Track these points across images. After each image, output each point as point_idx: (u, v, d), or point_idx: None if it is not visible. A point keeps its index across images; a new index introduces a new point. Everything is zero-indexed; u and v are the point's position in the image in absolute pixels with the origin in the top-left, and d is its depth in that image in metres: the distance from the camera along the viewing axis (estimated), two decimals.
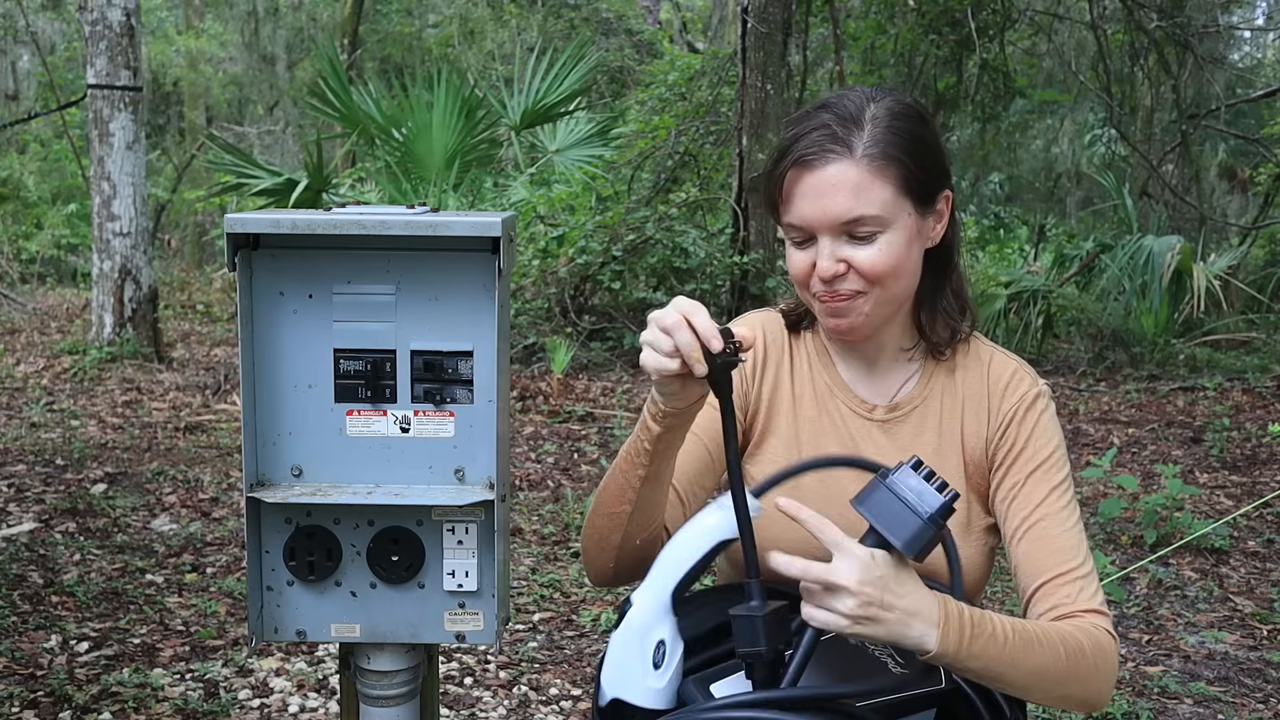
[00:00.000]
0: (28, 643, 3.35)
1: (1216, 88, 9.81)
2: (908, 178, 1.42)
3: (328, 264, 1.51)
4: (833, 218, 1.40)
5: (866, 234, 1.41)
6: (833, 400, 1.57)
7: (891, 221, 1.41)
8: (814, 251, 1.43)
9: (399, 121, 8.53)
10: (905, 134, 1.42)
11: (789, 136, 1.45)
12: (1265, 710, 3.18)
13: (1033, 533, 1.45)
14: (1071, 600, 1.40)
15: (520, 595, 3.87)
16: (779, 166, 1.44)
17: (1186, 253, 8.54)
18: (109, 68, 7.39)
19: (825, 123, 1.42)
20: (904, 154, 1.41)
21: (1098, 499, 4.98)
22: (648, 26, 15.71)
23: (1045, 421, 1.51)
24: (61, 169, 15.41)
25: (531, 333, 7.73)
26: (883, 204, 1.40)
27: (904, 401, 1.55)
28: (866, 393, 1.57)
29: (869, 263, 1.41)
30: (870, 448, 1.53)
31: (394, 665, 1.60)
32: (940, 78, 9.68)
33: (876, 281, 1.43)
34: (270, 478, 1.55)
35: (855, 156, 1.40)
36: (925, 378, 1.56)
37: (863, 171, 1.40)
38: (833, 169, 1.40)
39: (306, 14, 17.78)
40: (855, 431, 1.55)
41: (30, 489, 4.81)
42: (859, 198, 1.39)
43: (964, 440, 1.53)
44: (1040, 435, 1.50)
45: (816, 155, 1.40)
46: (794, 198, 1.42)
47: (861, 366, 1.57)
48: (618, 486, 1.44)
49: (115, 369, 7.20)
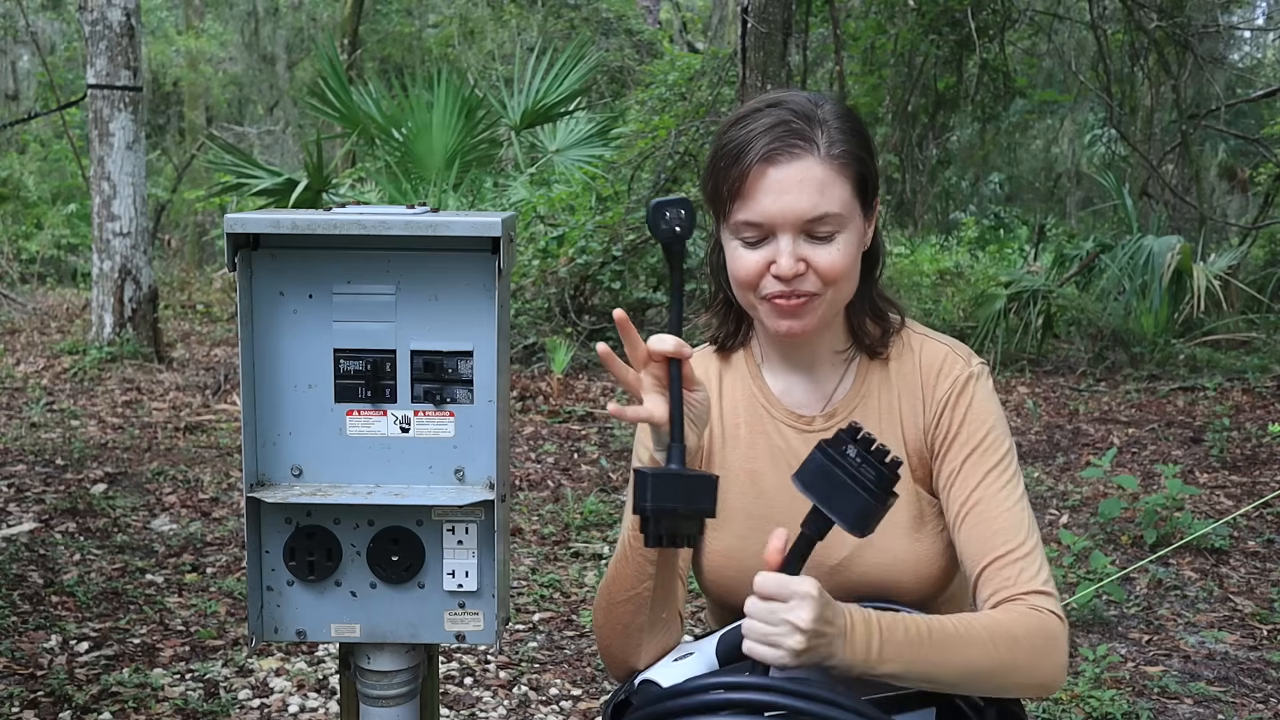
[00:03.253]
0: (28, 643, 3.35)
1: (1216, 88, 9.81)
2: (863, 179, 1.44)
3: (328, 264, 1.51)
4: (797, 215, 1.39)
5: (826, 233, 1.40)
6: (770, 421, 1.55)
7: (848, 221, 1.42)
8: (769, 251, 1.41)
9: (399, 121, 8.53)
10: (858, 135, 1.44)
11: (744, 133, 1.42)
12: (1265, 710, 3.18)
13: (971, 516, 1.43)
14: (1012, 582, 1.38)
15: (520, 595, 3.87)
16: (741, 163, 1.40)
17: (1186, 253, 8.53)
18: (109, 68, 7.39)
19: (784, 119, 1.41)
20: (861, 153, 1.43)
21: (1098, 499, 4.98)
22: (648, 26, 15.70)
23: (979, 403, 1.48)
24: (61, 169, 15.40)
25: (531, 333, 7.73)
26: (843, 203, 1.41)
27: (840, 405, 1.53)
28: (802, 403, 1.55)
29: (828, 263, 1.40)
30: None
31: (394, 665, 1.60)
32: (940, 78, 9.68)
33: (832, 283, 1.42)
34: (270, 478, 1.55)
35: (820, 154, 1.40)
36: (860, 378, 1.54)
37: (827, 170, 1.40)
38: (799, 165, 1.39)
39: (306, 14, 17.78)
40: (795, 446, 1.52)
41: (30, 489, 4.81)
42: (824, 195, 1.39)
43: (904, 433, 1.51)
44: (975, 417, 1.47)
45: (783, 151, 1.39)
46: (756, 193, 1.40)
47: (796, 376, 1.55)
48: (633, 567, 1.43)
49: (115, 369, 7.20)
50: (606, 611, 1.47)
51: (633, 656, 1.48)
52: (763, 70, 6.87)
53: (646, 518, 1.28)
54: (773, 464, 1.53)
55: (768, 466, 1.53)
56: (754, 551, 1.51)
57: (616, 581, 1.45)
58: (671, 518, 1.27)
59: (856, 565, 1.48)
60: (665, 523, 1.28)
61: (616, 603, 1.45)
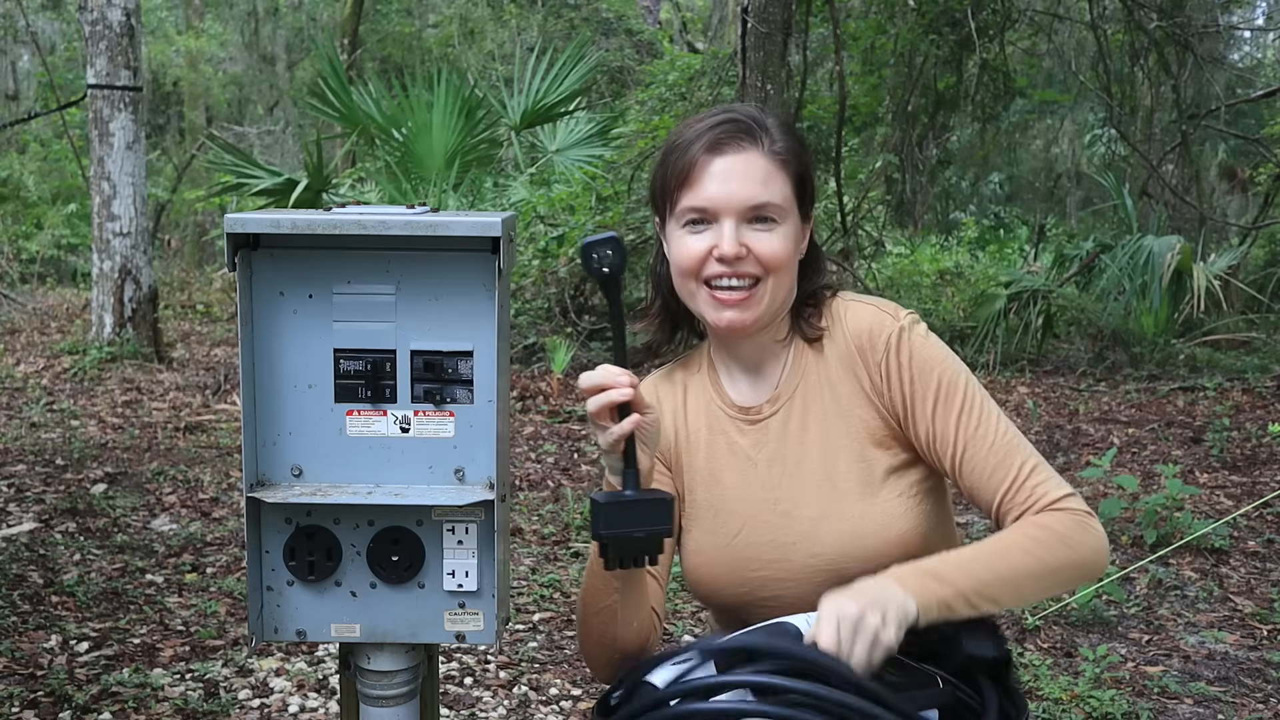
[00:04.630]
0: (28, 643, 3.35)
1: (1216, 88, 9.81)
2: (801, 182, 1.52)
3: (328, 264, 1.51)
4: (740, 200, 1.47)
5: (767, 222, 1.48)
6: (727, 419, 1.61)
7: (788, 215, 1.50)
8: (711, 236, 1.48)
9: (399, 121, 8.52)
10: (799, 144, 1.54)
11: (691, 132, 1.51)
12: (1265, 710, 3.18)
13: (965, 466, 1.48)
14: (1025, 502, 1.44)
15: (520, 595, 3.87)
16: (688, 154, 1.49)
17: (1186, 253, 8.54)
18: (109, 68, 7.39)
19: (731, 118, 1.51)
20: (800, 161, 1.52)
21: (1098, 499, 4.98)
22: (648, 26, 15.70)
23: (919, 352, 1.51)
24: (61, 169, 15.39)
25: (531, 333, 7.73)
26: (783, 197, 1.49)
27: (782, 389, 1.58)
28: (751, 397, 1.60)
29: (769, 249, 1.48)
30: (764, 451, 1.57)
31: (394, 665, 1.60)
32: (940, 78, 9.68)
33: (771, 270, 1.49)
34: (270, 478, 1.55)
35: (764, 150, 1.49)
36: (797, 359, 1.59)
37: (770, 164, 1.49)
38: (744, 156, 1.48)
39: (306, 14, 17.78)
40: (746, 444, 1.58)
41: (30, 489, 4.81)
42: (767, 185, 1.48)
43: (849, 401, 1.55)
44: (920, 369, 1.50)
45: (729, 141, 1.48)
46: (702, 179, 1.48)
47: (746, 374, 1.61)
48: (600, 581, 1.50)
49: (115, 369, 7.20)
50: (582, 623, 1.57)
51: (609, 660, 1.55)
52: (763, 70, 6.87)
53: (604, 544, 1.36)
54: (731, 461, 1.59)
55: (726, 464, 1.59)
56: (720, 545, 1.57)
57: (587, 596, 1.53)
58: (627, 542, 1.35)
59: (820, 538, 1.52)
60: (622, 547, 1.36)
61: (589, 615, 1.54)
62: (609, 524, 1.34)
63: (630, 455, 1.37)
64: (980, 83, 9.69)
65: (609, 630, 1.52)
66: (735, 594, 1.57)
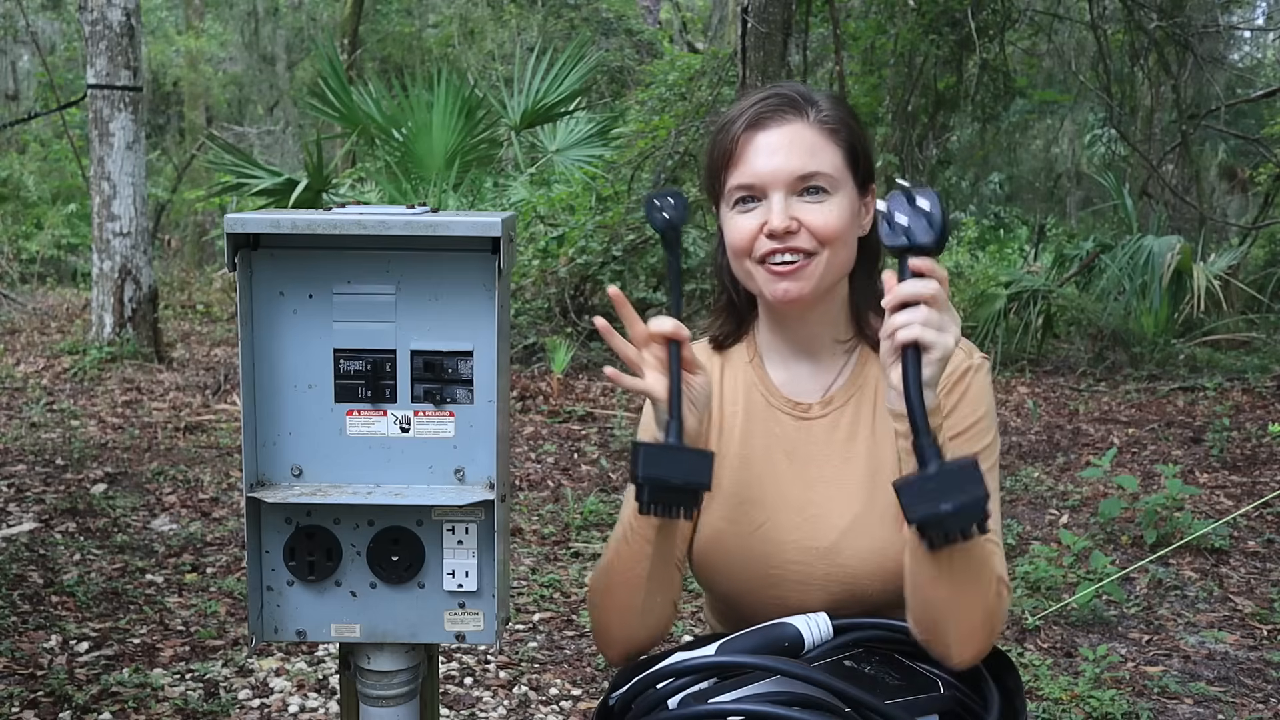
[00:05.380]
0: (28, 643, 3.35)
1: (1216, 88, 9.81)
2: (853, 150, 1.48)
3: (328, 264, 1.51)
4: (788, 172, 1.43)
5: (818, 193, 1.44)
6: (767, 409, 1.57)
7: (840, 185, 1.46)
8: (761, 213, 1.45)
9: (399, 121, 8.52)
10: (849, 114, 1.51)
11: (737, 109, 1.49)
12: (1265, 710, 3.18)
13: None
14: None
15: (520, 595, 3.87)
16: (731, 132, 1.47)
17: (1186, 253, 8.54)
18: (109, 68, 7.39)
19: (774, 92, 1.48)
20: (851, 128, 1.48)
21: (1098, 499, 4.98)
22: (648, 26, 15.71)
23: (974, 392, 1.51)
24: (61, 169, 15.40)
25: (531, 333, 7.73)
26: (834, 166, 1.46)
27: (838, 394, 1.56)
28: (801, 392, 1.57)
29: (821, 220, 1.44)
30: (804, 450, 1.55)
31: (394, 665, 1.60)
32: (940, 78, 9.68)
33: (826, 242, 1.45)
34: (270, 478, 1.55)
35: (810, 120, 1.46)
36: (860, 366, 1.57)
37: (816, 134, 1.46)
38: (789, 128, 1.45)
39: (306, 14, 17.77)
40: (790, 434, 1.55)
41: (30, 489, 4.81)
42: (814, 155, 1.44)
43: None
44: (967, 404, 1.50)
45: (772, 116, 1.46)
46: (747, 156, 1.45)
47: (798, 365, 1.58)
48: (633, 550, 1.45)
49: (115, 369, 7.20)
50: (604, 593, 1.51)
51: (624, 638, 1.51)
52: (763, 70, 6.87)
53: (640, 486, 1.30)
54: (765, 451, 1.56)
55: (760, 453, 1.56)
56: (738, 533, 1.54)
57: (615, 563, 1.48)
58: (665, 488, 1.30)
59: (845, 550, 1.50)
60: (658, 492, 1.30)
61: (614, 585, 1.48)
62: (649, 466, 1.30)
63: (676, 405, 1.33)
64: (980, 83, 9.70)
65: (632, 601, 1.47)
66: (744, 585, 1.55)
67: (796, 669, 1.26)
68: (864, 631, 1.44)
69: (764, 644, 1.37)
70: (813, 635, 1.39)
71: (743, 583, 1.55)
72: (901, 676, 1.35)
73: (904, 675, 1.35)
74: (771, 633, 1.39)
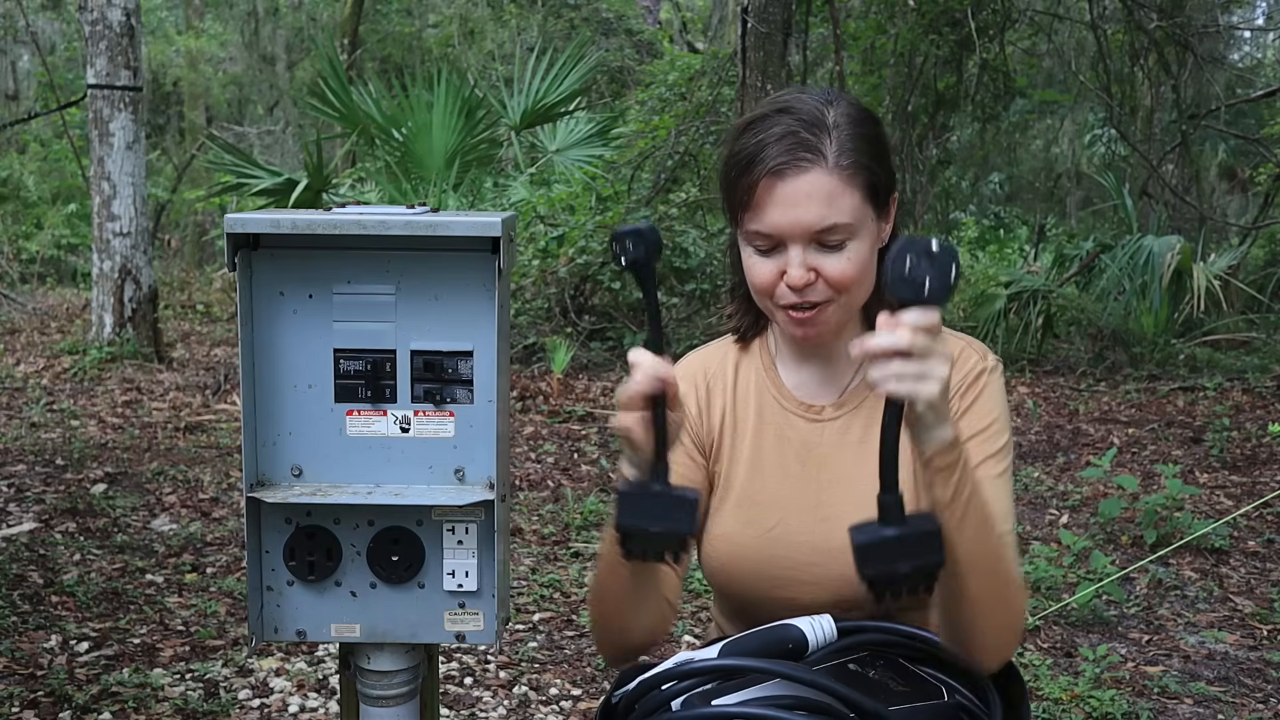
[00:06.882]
0: (28, 643, 3.35)
1: (1216, 88, 9.81)
2: (873, 184, 1.43)
3: (328, 264, 1.51)
4: (805, 227, 1.40)
5: (836, 243, 1.41)
6: (780, 412, 1.57)
7: (859, 229, 1.42)
8: (780, 260, 1.43)
9: (399, 121, 8.52)
10: (869, 140, 1.44)
11: (754, 143, 1.42)
12: (1265, 710, 3.18)
13: None
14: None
15: (520, 595, 3.87)
16: (750, 174, 1.41)
17: (1186, 253, 8.54)
18: (109, 68, 7.39)
19: (792, 128, 1.41)
20: (871, 161, 1.43)
21: (1098, 499, 4.98)
22: (648, 26, 15.70)
23: (988, 394, 1.52)
24: (61, 169, 15.40)
25: (531, 333, 7.73)
26: (852, 212, 1.41)
27: (850, 396, 1.56)
28: (814, 393, 1.57)
29: (838, 272, 1.42)
30: (816, 452, 1.54)
31: (394, 665, 1.60)
32: (940, 78, 9.67)
33: (844, 290, 1.44)
34: (270, 478, 1.55)
35: (829, 165, 1.40)
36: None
37: (835, 181, 1.40)
38: (807, 178, 1.39)
39: (306, 14, 17.77)
40: (804, 436, 1.55)
41: (30, 489, 4.81)
42: (832, 206, 1.40)
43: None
44: (981, 406, 1.51)
45: (789, 164, 1.39)
46: (765, 206, 1.41)
47: (811, 368, 1.58)
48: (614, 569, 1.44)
49: (115, 369, 7.20)
50: (596, 605, 1.52)
51: (621, 641, 1.52)
52: (763, 70, 6.86)
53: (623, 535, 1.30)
54: (778, 453, 1.56)
55: (772, 455, 1.56)
56: (751, 535, 1.53)
57: (601, 581, 1.48)
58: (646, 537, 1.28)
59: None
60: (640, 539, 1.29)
61: (601, 601, 1.49)
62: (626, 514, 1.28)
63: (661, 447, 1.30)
64: (980, 83, 9.69)
65: (621, 616, 1.48)
66: (755, 586, 1.54)
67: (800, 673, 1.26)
68: (868, 634, 1.43)
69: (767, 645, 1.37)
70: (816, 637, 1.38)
71: (754, 584, 1.54)
72: (905, 681, 1.34)
73: (908, 680, 1.34)
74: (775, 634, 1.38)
